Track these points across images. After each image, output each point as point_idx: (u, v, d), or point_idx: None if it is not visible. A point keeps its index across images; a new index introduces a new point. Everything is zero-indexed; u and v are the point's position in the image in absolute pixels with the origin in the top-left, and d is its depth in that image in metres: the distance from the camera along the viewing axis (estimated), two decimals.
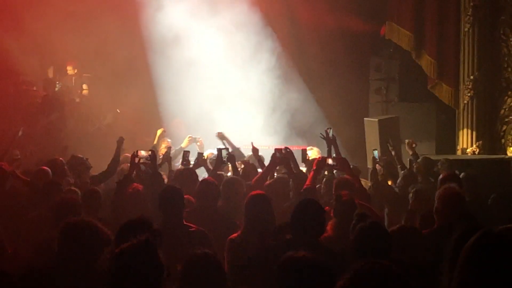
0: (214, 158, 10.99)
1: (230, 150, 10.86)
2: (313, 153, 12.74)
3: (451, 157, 13.91)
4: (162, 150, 12.78)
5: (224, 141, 12.39)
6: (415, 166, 11.58)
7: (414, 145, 12.77)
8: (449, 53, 16.61)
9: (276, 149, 9.79)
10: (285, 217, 6.91)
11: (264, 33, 17.12)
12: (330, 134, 10.87)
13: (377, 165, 11.49)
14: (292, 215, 6.34)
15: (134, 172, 9.47)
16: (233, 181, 8.95)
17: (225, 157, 10.11)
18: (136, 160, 9.42)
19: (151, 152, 9.66)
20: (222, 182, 9.01)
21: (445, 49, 16.63)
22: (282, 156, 9.71)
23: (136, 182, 8.96)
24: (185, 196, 7.47)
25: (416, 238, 6.32)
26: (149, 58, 17.27)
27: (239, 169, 10.66)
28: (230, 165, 10.41)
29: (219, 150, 10.18)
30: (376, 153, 11.94)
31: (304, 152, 11.16)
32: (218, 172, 10.16)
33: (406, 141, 13.00)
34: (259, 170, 10.68)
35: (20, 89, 17.94)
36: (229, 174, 10.73)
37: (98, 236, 5.17)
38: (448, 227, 6.63)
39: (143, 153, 9.51)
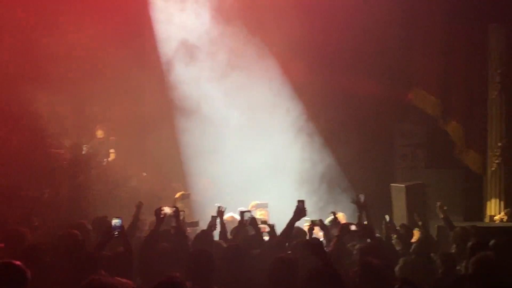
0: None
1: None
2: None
3: (478, 224, 13.74)
4: None
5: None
6: (452, 235, 11.40)
7: (444, 208, 12.60)
8: (476, 119, 16.57)
9: (299, 201, 9.67)
10: None
11: (288, 97, 17.21)
12: (362, 200, 10.77)
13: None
14: (306, 282, 6.31)
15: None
16: None
17: (248, 219, 9.98)
18: (162, 214, 9.40)
19: (175, 209, 9.62)
20: None
21: (472, 116, 16.59)
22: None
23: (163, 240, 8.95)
24: None
25: None
26: (175, 119, 17.36)
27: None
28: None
29: (242, 212, 10.06)
30: (387, 217, 11.82)
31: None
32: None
33: (438, 203, 12.82)
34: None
35: (47, 152, 18.04)
36: None
37: None
38: None
39: (167, 210, 9.49)
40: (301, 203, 9.58)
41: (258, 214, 13.75)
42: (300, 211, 9.53)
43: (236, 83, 17.04)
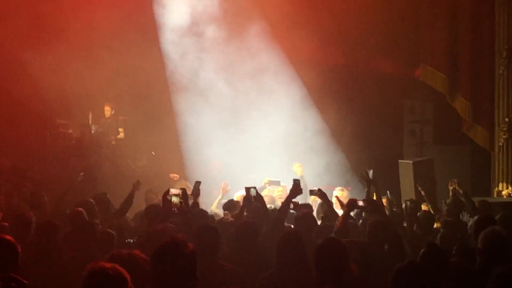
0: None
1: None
2: (341, 194, 12.84)
3: (487, 199, 13.76)
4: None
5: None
6: (445, 207, 11.50)
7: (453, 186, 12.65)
8: (484, 95, 16.54)
9: (295, 180, 9.83)
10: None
11: (294, 74, 17.24)
12: (370, 175, 10.81)
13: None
14: (316, 254, 6.38)
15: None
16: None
17: (254, 195, 10.01)
18: (168, 197, 9.49)
19: (183, 190, 9.70)
20: None
21: (480, 91, 16.55)
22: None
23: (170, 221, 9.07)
24: None
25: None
26: (183, 100, 17.38)
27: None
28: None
29: (247, 189, 10.09)
30: (388, 193, 11.94)
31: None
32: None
33: (455, 181, 12.86)
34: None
35: (56, 131, 18.12)
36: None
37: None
38: (491, 269, 6.60)
39: (174, 191, 9.57)
40: (297, 181, 9.73)
41: (276, 191, 13.83)
42: (295, 189, 9.68)
43: (237, 65, 17.08)
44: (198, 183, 10.79)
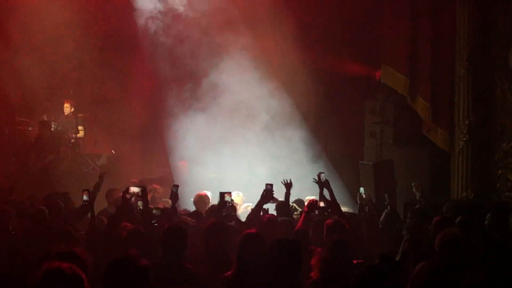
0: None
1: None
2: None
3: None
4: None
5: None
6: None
7: (420, 188, 12.80)
8: (444, 97, 16.60)
9: (267, 184, 9.88)
10: None
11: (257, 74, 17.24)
12: (322, 178, 10.90)
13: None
14: (268, 253, 6.43)
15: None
16: None
17: (229, 201, 10.05)
18: (128, 196, 9.49)
19: (142, 188, 9.70)
20: None
21: (440, 93, 16.61)
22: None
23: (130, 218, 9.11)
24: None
25: None
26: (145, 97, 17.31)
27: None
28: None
29: (222, 194, 10.13)
30: (362, 190, 12.09)
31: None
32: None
33: (413, 184, 13.00)
34: None
35: (15, 129, 17.94)
36: None
37: None
38: None
39: (134, 189, 9.56)
40: (269, 186, 9.77)
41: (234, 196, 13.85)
42: (268, 193, 9.72)
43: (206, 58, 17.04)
44: (176, 187, 10.73)
